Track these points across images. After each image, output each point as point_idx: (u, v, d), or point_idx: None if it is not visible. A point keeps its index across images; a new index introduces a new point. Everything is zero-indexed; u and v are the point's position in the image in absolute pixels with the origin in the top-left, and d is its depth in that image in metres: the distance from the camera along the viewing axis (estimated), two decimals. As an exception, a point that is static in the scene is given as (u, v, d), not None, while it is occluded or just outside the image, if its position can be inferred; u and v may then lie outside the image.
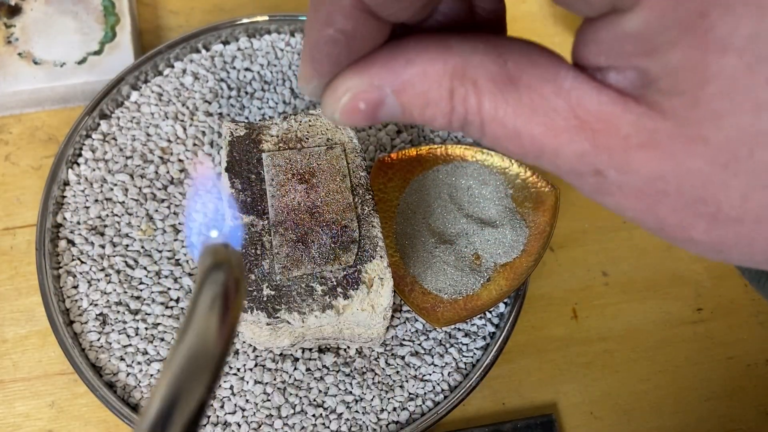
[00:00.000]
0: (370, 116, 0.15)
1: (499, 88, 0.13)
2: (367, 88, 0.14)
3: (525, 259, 0.35)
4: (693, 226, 0.14)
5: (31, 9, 0.43)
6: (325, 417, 0.34)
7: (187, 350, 0.15)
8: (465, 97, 0.14)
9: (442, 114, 0.14)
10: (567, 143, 0.13)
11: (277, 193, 0.31)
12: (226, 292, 0.16)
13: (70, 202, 0.37)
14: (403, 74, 0.14)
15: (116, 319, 0.35)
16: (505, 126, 0.13)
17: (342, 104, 0.15)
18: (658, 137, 0.13)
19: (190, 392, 0.14)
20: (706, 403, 0.37)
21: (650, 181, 0.13)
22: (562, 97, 0.13)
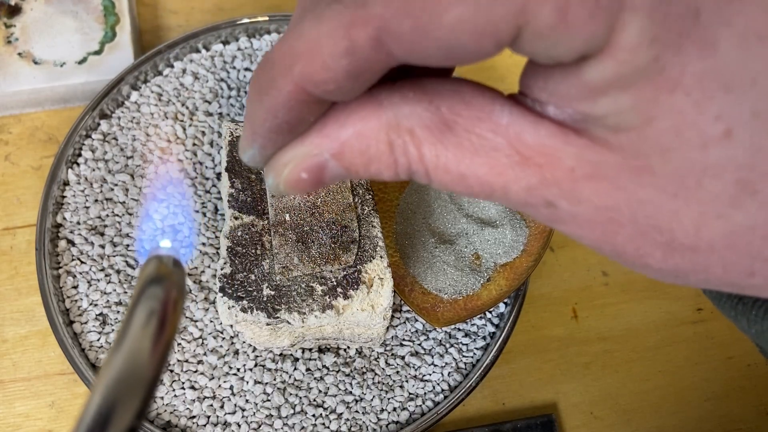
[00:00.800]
0: (315, 182, 0.15)
1: (435, 134, 0.13)
2: (306, 158, 0.14)
3: (525, 259, 0.35)
4: (650, 255, 0.14)
5: (31, 9, 0.43)
6: (325, 417, 0.34)
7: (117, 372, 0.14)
8: (405, 148, 0.13)
9: (386, 167, 0.14)
10: (514, 180, 0.13)
11: (277, 193, 0.32)
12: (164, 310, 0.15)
13: (70, 202, 0.37)
14: (338, 137, 0.14)
15: (116, 319, 0.35)
16: (449, 171, 0.13)
17: (284, 177, 0.15)
18: (605, 169, 0.13)
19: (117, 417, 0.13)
20: (706, 403, 0.37)
21: (603, 210, 0.13)
22: (501, 134, 0.13)
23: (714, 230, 0.13)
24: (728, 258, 0.13)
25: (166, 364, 0.21)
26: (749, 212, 0.13)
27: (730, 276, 0.14)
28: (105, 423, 0.13)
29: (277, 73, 0.13)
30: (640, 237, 0.13)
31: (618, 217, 0.13)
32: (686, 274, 0.14)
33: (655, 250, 0.14)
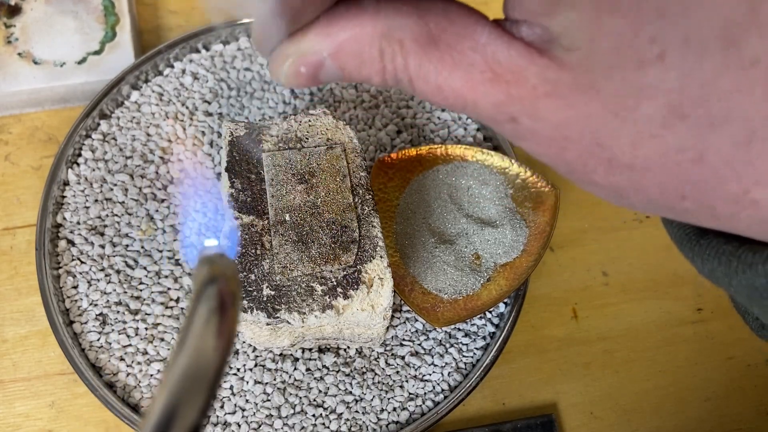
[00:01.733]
0: (312, 78, 0.16)
1: (422, 46, 0.15)
2: (305, 54, 0.16)
3: (525, 259, 0.35)
4: (594, 170, 0.15)
5: (31, 9, 0.43)
6: (325, 417, 0.34)
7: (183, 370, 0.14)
8: (393, 57, 0.15)
9: (375, 72, 0.15)
10: (484, 95, 0.15)
11: (277, 193, 0.31)
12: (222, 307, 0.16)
13: (70, 202, 0.37)
14: (337, 39, 0.15)
15: (116, 319, 0.35)
16: (428, 82, 0.15)
17: (285, 69, 0.16)
18: (560, 87, 0.14)
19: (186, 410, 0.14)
20: (706, 403, 0.37)
21: (557, 127, 0.14)
22: (479, 51, 0.14)
23: (648, 150, 0.14)
24: (661, 178, 0.14)
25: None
26: (679, 135, 0.13)
27: (665, 197, 0.15)
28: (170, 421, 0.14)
29: None
30: (587, 153, 0.15)
31: (569, 134, 0.14)
32: (627, 193, 0.15)
33: (599, 166, 0.15)
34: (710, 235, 0.17)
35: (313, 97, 0.41)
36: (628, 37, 0.13)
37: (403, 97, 0.42)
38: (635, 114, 0.13)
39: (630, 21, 0.13)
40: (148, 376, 0.34)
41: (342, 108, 0.41)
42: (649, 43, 0.13)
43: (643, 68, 0.13)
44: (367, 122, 0.41)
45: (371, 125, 0.41)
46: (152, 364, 0.34)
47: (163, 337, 0.34)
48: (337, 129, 0.34)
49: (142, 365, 0.34)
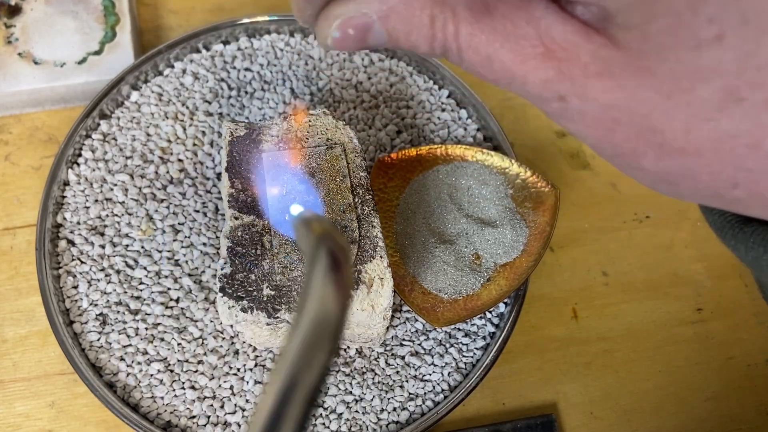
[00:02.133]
0: (359, 41, 0.16)
1: (475, 16, 0.14)
2: (355, 15, 0.15)
3: (525, 259, 0.35)
4: (644, 154, 0.14)
5: (31, 9, 0.43)
6: (325, 417, 0.34)
7: (310, 320, 0.15)
8: (444, 24, 0.15)
9: (424, 39, 0.15)
10: (533, 70, 0.14)
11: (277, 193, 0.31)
12: (338, 261, 0.16)
13: (70, 202, 0.37)
14: (387, 1, 0.15)
15: (116, 319, 0.35)
16: (478, 52, 0.15)
17: (332, 30, 0.16)
18: (613, 67, 0.14)
19: (315, 357, 0.15)
20: (706, 403, 0.37)
21: (606, 108, 0.14)
22: (533, 24, 0.14)
23: (701, 134, 0.13)
24: (714, 164, 0.14)
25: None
26: (734, 119, 0.13)
27: (716, 185, 0.14)
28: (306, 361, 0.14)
29: None
30: (636, 136, 0.14)
31: (619, 116, 0.14)
32: (677, 180, 0.15)
33: (649, 151, 0.14)
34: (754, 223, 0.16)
35: (313, 98, 0.41)
36: (687, 17, 0.12)
37: (403, 97, 0.42)
38: (690, 96, 0.13)
39: (689, 1, 0.12)
40: (148, 376, 0.34)
41: (342, 108, 0.41)
42: (707, 24, 0.12)
43: (700, 49, 0.13)
44: (367, 122, 0.41)
45: (371, 125, 0.41)
46: (152, 364, 0.34)
47: (163, 337, 0.34)
48: (337, 129, 0.34)
49: (142, 365, 0.34)
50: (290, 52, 0.43)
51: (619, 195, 0.43)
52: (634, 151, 0.15)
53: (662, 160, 0.14)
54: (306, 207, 0.30)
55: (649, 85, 0.13)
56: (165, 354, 0.34)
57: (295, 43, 0.43)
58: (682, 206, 0.42)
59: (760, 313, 0.40)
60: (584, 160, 0.43)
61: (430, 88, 0.42)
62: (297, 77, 0.42)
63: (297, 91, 0.41)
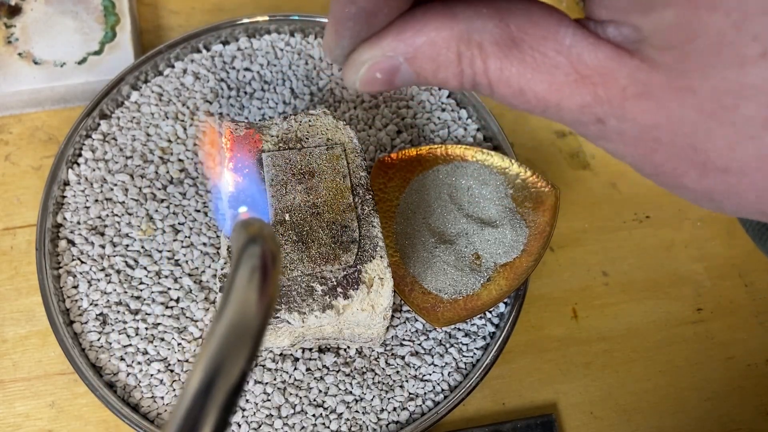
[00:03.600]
0: (387, 83, 0.16)
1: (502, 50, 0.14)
2: (382, 59, 0.16)
3: (525, 259, 0.35)
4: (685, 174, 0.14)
5: (31, 9, 0.43)
6: (325, 417, 0.34)
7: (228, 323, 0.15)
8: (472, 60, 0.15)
9: (453, 76, 0.15)
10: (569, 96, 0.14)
11: (277, 193, 0.31)
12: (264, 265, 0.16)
13: (70, 202, 0.37)
14: (413, 43, 0.15)
15: (116, 319, 0.35)
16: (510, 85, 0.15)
17: (361, 74, 0.16)
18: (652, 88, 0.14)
19: (231, 363, 0.14)
20: (706, 403, 0.37)
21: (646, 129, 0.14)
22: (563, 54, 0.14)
23: (746, 152, 0.13)
24: (759, 181, 0.14)
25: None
26: None
27: (762, 202, 0.14)
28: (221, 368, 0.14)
29: None
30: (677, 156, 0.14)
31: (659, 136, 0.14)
32: (720, 198, 0.15)
33: (691, 170, 0.14)
34: None
35: (313, 98, 0.41)
36: (730, 35, 0.12)
37: (403, 97, 0.42)
38: (734, 115, 0.13)
39: (733, 19, 0.12)
40: (148, 376, 0.34)
41: (342, 108, 0.41)
42: (752, 41, 0.12)
43: (745, 67, 0.12)
44: (367, 122, 0.41)
45: (371, 125, 0.41)
46: (152, 364, 0.34)
47: (163, 337, 0.34)
48: (337, 129, 0.34)
49: (142, 365, 0.34)
50: (290, 52, 0.43)
51: (619, 195, 0.43)
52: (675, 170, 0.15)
53: (705, 178, 0.14)
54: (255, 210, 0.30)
55: (691, 105, 0.13)
56: (165, 354, 0.34)
57: (295, 43, 0.43)
58: (682, 206, 0.43)
59: (760, 313, 0.40)
60: (584, 160, 0.43)
61: (430, 87, 0.42)
62: (297, 77, 0.42)
63: (297, 91, 0.41)
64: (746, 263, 0.41)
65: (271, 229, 0.18)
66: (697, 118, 0.13)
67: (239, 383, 0.14)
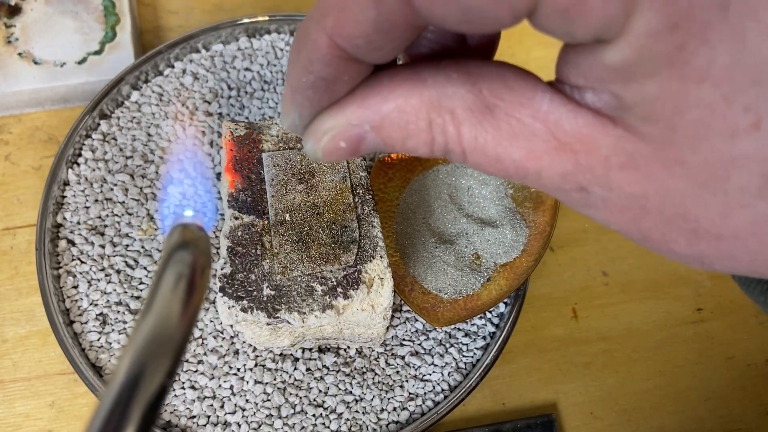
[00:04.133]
0: (352, 152, 0.15)
1: (476, 116, 0.13)
2: (345, 128, 0.15)
3: (525, 259, 0.35)
4: (674, 240, 0.14)
5: (31, 9, 0.43)
6: (325, 417, 0.34)
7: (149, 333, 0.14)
8: (444, 128, 0.14)
9: (423, 144, 0.14)
10: (549, 165, 0.13)
11: (277, 193, 0.31)
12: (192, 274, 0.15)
13: (70, 202, 0.37)
14: (380, 111, 0.14)
15: (116, 319, 0.35)
16: (485, 153, 0.14)
17: (323, 144, 0.15)
18: (638, 159, 0.13)
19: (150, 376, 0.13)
20: (706, 403, 0.37)
21: (633, 198, 0.13)
22: (540, 120, 0.13)
23: (739, 219, 0.13)
24: (752, 246, 0.13)
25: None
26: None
27: (755, 265, 0.14)
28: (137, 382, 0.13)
29: (311, 27, 0.14)
30: (666, 224, 0.14)
31: (646, 204, 0.14)
32: (711, 261, 0.14)
33: (680, 237, 0.14)
34: None
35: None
36: (720, 107, 0.12)
37: (403, 97, 0.42)
38: (726, 185, 0.13)
39: (722, 91, 0.12)
40: (148, 376, 0.34)
41: (342, 108, 0.41)
42: (743, 113, 0.12)
43: (736, 138, 0.12)
44: (367, 122, 0.41)
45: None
46: (152, 364, 0.34)
47: (163, 337, 0.34)
48: (337, 129, 0.34)
49: (142, 365, 0.34)
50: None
51: (619, 195, 0.42)
52: (663, 236, 0.14)
53: (696, 245, 0.14)
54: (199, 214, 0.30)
55: (680, 175, 0.13)
56: (165, 354, 0.34)
57: (295, 43, 0.43)
58: (682, 206, 0.42)
59: (760, 312, 0.40)
60: (584, 160, 0.43)
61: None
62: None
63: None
64: (746, 263, 0.41)
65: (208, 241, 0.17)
66: (687, 188, 0.13)
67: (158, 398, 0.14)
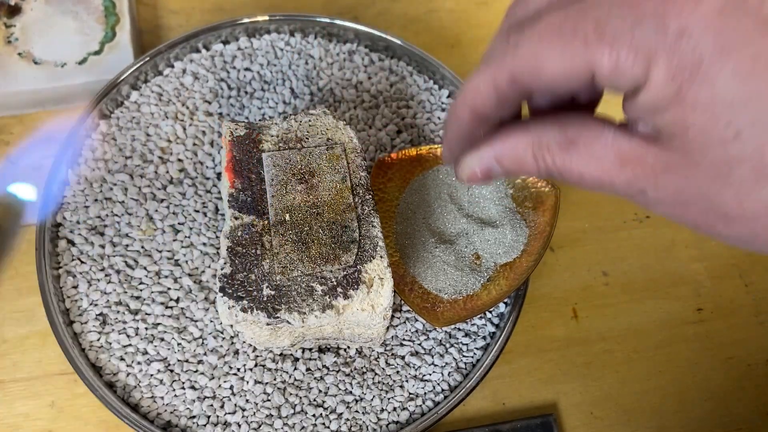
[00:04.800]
0: (485, 178, 0.23)
1: (564, 149, 0.20)
2: (479, 162, 0.23)
3: (525, 259, 0.35)
4: (715, 225, 0.19)
5: (31, 9, 0.43)
6: (325, 417, 0.34)
7: None
8: (543, 158, 0.21)
9: (531, 169, 0.21)
10: (616, 177, 0.20)
11: (277, 193, 0.31)
12: None
13: (70, 202, 0.37)
14: (501, 151, 0.22)
15: (116, 319, 0.35)
16: (572, 172, 0.20)
17: (466, 173, 0.23)
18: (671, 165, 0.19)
19: None
20: (706, 403, 0.37)
21: (676, 194, 0.19)
22: (608, 147, 0.20)
23: (752, 203, 0.18)
24: None
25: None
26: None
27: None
28: None
29: (458, 106, 0.22)
30: (705, 212, 0.19)
31: (687, 199, 0.19)
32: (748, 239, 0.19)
33: (718, 222, 0.19)
34: None
35: (313, 98, 0.41)
36: (709, 125, 0.17)
37: (403, 97, 0.42)
38: (731, 178, 0.18)
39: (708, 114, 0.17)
40: (148, 376, 0.34)
41: (342, 108, 0.41)
42: (726, 127, 0.17)
43: (726, 145, 0.17)
44: (367, 122, 0.41)
45: (371, 125, 0.41)
46: (152, 364, 0.34)
47: (163, 337, 0.34)
48: (337, 129, 0.34)
49: (142, 365, 0.34)
50: (290, 52, 0.43)
51: (619, 195, 0.43)
52: (706, 222, 0.19)
53: (731, 227, 0.19)
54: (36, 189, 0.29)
55: (700, 174, 0.18)
56: (165, 354, 0.34)
57: (295, 43, 0.43)
58: (682, 206, 0.42)
59: (760, 313, 0.40)
60: (584, 160, 0.43)
61: (430, 88, 0.42)
62: (297, 77, 0.42)
63: (297, 91, 0.41)
64: (746, 263, 0.41)
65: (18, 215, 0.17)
66: (706, 182, 0.18)
67: None
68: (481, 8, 0.49)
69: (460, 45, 0.48)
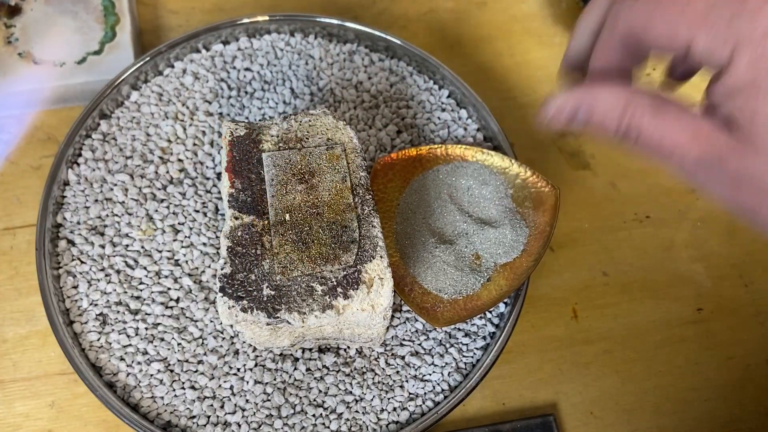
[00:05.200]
0: (568, 120, 0.24)
1: (655, 110, 0.22)
2: (570, 102, 0.24)
3: (525, 259, 0.35)
4: (762, 208, 0.21)
5: (31, 9, 0.43)
6: (325, 417, 0.34)
7: None
8: (633, 113, 0.22)
9: (613, 124, 0.23)
10: (689, 150, 0.22)
11: (277, 193, 0.31)
12: None
13: (70, 202, 0.37)
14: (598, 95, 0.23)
15: (116, 319, 0.35)
16: (653, 136, 0.22)
17: (554, 109, 0.25)
18: (736, 146, 0.21)
19: None
20: (706, 403, 0.37)
21: (735, 172, 0.21)
22: (691, 122, 0.22)
23: None
24: None
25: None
26: None
27: None
28: None
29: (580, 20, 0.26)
30: (756, 194, 0.21)
31: (743, 179, 0.21)
32: None
33: (764, 205, 0.21)
34: None
35: (313, 98, 0.41)
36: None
37: (403, 97, 0.42)
38: None
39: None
40: (148, 376, 0.34)
41: (342, 108, 0.41)
42: None
43: None
44: (367, 122, 0.41)
45: (371, 125, 0.41)
46: (152, 364, 0.34)
47: (163, 337, 0.34)
48: (337, 129, 0.34)
49: (142, 365, 0.34)
50: (290, 52, 0.43)
51: (619, 195, 0.43)
52: (755, 204, 0.21)
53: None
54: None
55: (760, 158, 0.20)
56: (165, 354, 0.34)
57: (295, 43, 0.43)
58: (681, 207, 0.43)
59: (760, 313, 0.40)
60: (584, 160, 0.44)
61: (430, 88, 0.42)
62: (297, 77, 0.42)
63: (297, 91, 0.41)
64: (746, 263, 0.41)
65: None
66: (764, 166, 0.20)
67: None
68: (481, 8, 0.49)
69: (460, 45, 0.48)
